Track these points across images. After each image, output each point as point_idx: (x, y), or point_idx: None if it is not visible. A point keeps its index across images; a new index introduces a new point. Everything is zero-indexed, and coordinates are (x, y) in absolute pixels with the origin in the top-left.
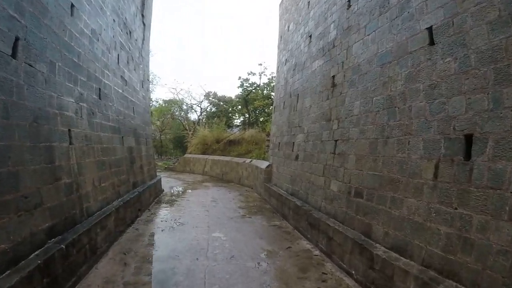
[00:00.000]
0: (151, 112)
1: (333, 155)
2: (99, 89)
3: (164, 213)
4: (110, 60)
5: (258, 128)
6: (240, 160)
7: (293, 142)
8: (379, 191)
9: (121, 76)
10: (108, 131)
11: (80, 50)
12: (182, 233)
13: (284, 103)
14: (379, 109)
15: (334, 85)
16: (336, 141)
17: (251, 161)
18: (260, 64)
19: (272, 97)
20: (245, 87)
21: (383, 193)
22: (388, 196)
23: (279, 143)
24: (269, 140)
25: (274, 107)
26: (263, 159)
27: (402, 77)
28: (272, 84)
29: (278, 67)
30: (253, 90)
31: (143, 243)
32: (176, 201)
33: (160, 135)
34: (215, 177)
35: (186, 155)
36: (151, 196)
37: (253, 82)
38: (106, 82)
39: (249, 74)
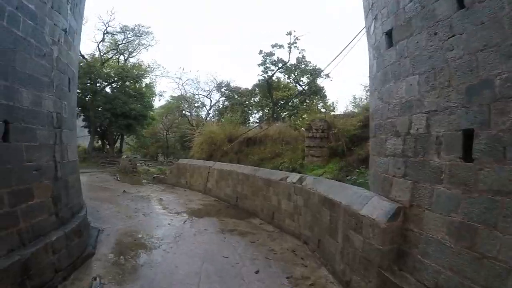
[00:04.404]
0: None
1: None
2: None
3: None
4: None
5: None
6: (273, 175)
7: None
8: None
9: None
10: None
11: None
12: None
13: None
14: None
15: None
16: None
17: (302, 180)
18: (289, 33)
19: (301, 83)
20: (267, 65)
21: None
22: None
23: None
24: (312, 137)
25: (387, 32)
26: (301, 167)
27: None
28: (302, 66)
29: None
30: (279, 71)
31: None
32: None
33: (166, 134)
34: (224, 202)
35: (180, 161)
36: None
37: (280, 58)
38: None
39: (273, 47)
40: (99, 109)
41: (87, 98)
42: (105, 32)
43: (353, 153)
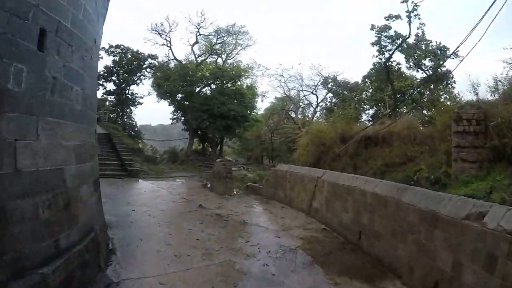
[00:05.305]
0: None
1: None
2: None
3: None
4: None
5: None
6: (444, 205)
7: None
8: None
9: None
10: None
11: None
12: None
13: None
14: None
15: None
16: None
17: None
18: (405, 0)
19: (424, 66)
20: (382, 43)
21: None
22: None
23: None
24: (463, 131)
25: None
26: (446, 177)
27: None
28: (422, 47)
29: None
30: (398, 49)
31: None
32: None
33: (271, 136)
34: (337, 235)
35: (279, 167)
36: None
37: (397, 33)
38: None
39: (388, 19)
40: (198, 112)
41: (186, 102)
42: (198, 34)
43: None
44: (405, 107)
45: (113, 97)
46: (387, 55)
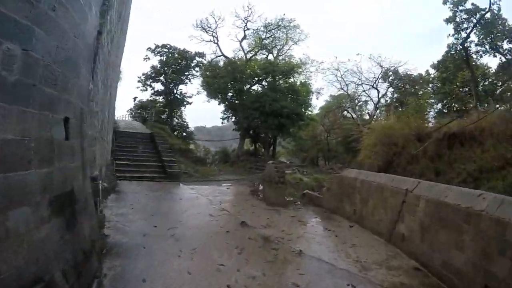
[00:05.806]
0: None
1: None
2: None
3: None
4: None
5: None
6: None
7: None
8: None
9: None
10: None
11: None
12: None
13: None
14: None
15: None
16: None
17: None
18: None
19: (502, 50)
20: (457, 20)
21: None
22: None
23: None
24: None
25: None
26: None
27: None
28: (498, 27)
29: None
30: (477, 28)
31: None
32: None
33: (327, 136)
34: (439, 280)
35: (345, 173)
36: None
37: (475, 6)
38: None
39: None
40: (248, 110)
41: (236, 101)
42: (245, 28)
43: None
44: (478, 101)
45: (161, 97)
46: (464, 35)
